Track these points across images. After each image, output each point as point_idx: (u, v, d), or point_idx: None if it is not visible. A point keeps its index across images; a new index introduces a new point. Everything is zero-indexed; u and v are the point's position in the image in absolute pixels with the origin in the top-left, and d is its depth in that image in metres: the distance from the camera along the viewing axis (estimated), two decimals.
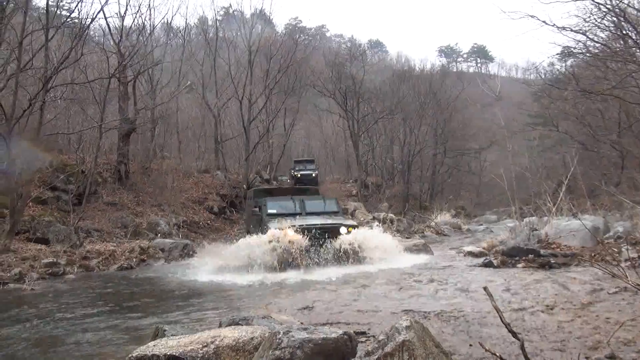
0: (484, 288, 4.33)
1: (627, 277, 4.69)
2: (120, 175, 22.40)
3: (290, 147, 41.27)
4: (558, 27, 11.86)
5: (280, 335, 3.40)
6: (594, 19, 12.53)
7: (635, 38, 12.84)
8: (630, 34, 12.97)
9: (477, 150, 43.67)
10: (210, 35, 33.17)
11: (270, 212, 13.05)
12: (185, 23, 37.57)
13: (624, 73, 12.74)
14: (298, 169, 33.35)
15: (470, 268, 10.36)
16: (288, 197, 14.31)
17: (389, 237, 13.01)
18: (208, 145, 32.91)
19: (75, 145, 20.33)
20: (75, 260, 13.28)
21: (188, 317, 7.07)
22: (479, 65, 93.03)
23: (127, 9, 36.87)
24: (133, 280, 11.41)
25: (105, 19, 23.53)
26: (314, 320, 5.97)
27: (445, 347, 3.90)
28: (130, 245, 15.52)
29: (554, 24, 11.81)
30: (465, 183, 45.03)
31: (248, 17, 36.28)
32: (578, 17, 12.59)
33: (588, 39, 13.20)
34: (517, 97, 48.21)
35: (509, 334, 3.90)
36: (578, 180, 15.73)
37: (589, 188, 17.56)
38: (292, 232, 11.07)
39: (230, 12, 43.14)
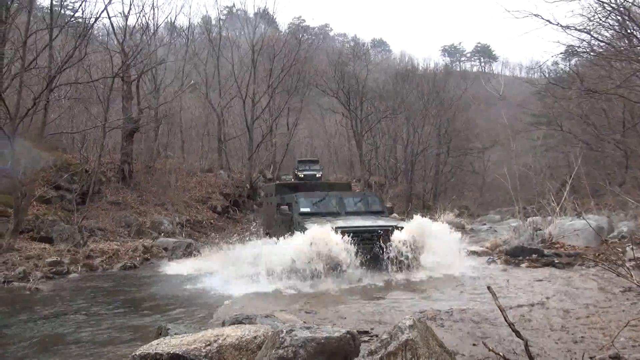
0: (488, 287, 4.32)
1: (632, 276, 4.67)
2: (124, 175, 22.45)
3: (294, 146, 41.21)
4: (562, 26, 11.84)
5: (283, 334, 3.40)
6: (598, 18, 12.50)
7: None
8: (635, 33, 12.91)
9: (480, 150, 43.50)
10: (214, 35, 33.17)
11: (304, 210, 11.08)
12: (189, 22, 37.44)
13: (629, 72, 12.68)
14: (302, 169, 33.28)
15: (474, 268, 10.35)
16: (323, 193, 11.99)
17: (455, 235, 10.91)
18: (211, 145, 32.93)
19: (79, 145, 20.35)
20: (79, 259, 13.30)
21: (192, 316, 7.08)
22: (483, 65, 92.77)
23: (130, 9, 36.93)
24: (136, 280, 11.42)
25: (109, 19, 23.50)
26: None
27: (449, 346, 3.89)
28: (134, 245, 15.55)
29: (558, 23, 11.80)
30: (469, 183, 44.89)
31: (251, 16, 36.34)
32: (582, 16, 12.54)
33: (592, 38, 13.16)
34: (520, 96, 48.04)
35: (513, 334, 3.89)
36: (582, 180, 15.67)
37: (593, 188, 17.52)
38: (335, 235, 9.32)
39: (234, 11, 43.22)
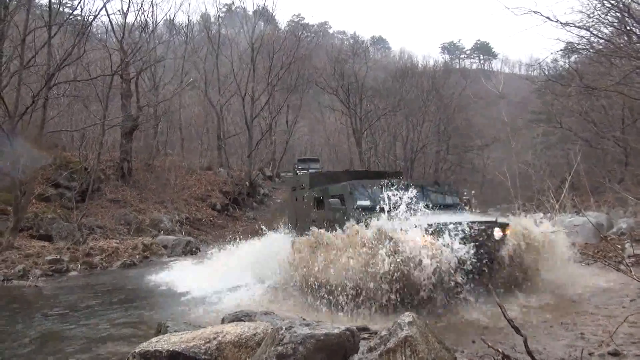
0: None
1: (631, 272, 4.67)
2: (123, 173, 22.44)
3: (293, 144, 41.20)
4: (562, 23, 11.80)
5: (283, 331, 3.39)
6: (598, 15, 12.46)
7: None
8: (634, 30, 12.88)
9: (480, 147, 43.48)
10: (213, 33, 33.12)
11: (362, 204, 8.35)
12: (188, 20, 37.56)
13: (628, 69, 12.65)
14: (301, 168, 33.36)
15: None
16: (384, 183, 8.65)
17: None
18: (211, 143, 32.92)
19: (78, 143, 20.31)
20: (79, 257, 13.31)
21: (190, 313, 7.08)
22: (482, 62, 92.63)
23: (129, 6, 36.36)
24: (136, 277, 11.42)
25: (108, 16, 23.39)
26: None
27: (448, 342, 3.89)
28: (133, 242, 15.56)
29: (558, 20, 11.74)
30: (469, 180, 44.89)
31: (250, 14, 36.32)
32: (582, 12, 12.46)
33: (592, 35, 13.11)
34: (520, 94, 48.02)
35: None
36: (581, 177, 15.68)
37: (593, 185, 17.51)
38: (421, 236, 6.57)
39: (233, 9, 43.17)
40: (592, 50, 14.63)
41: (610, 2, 12.17)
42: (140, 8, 28.90)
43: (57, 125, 18.90)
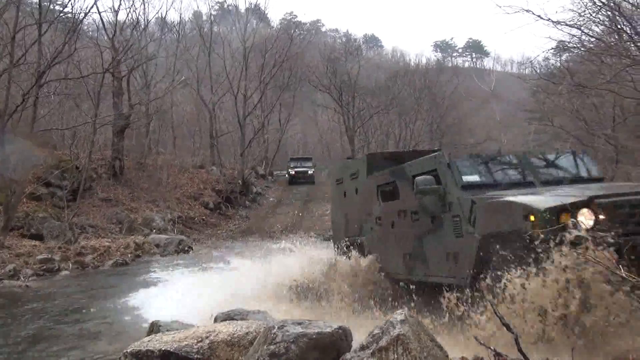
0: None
1: (621, 269, 4.69)
2: (115, 171, 22.32)
3: (286, 142, 41.21)
4: (553, 21, 11.82)
5: (275, 330, 3.38)
6: (589, 13, 12.50)
7: (630, 32, 12.84)
8: (625, 29, 12.96)
9: (472, 145, 43.67)
10: (205, 30, 33.00)
11: (470, 180, 5.79)
12: (180, 18, 37.30)
13: (619, 67, 12.73)
14: (293, 166, 33.40)
15: None
16: (492, 153, 6.47)
17: None
18: (203, 141, 32.83)
19: (70, 141, 20.16)
20: (70, 256, 13.23)
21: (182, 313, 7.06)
22: (474, 60, 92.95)
23: (120, 4, 36.32)
24: (128, 276, 11.37)
25: (99, 14, 23.40)
26: None
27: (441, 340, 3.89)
28: (125, 241, 15.49)
29: (549, 19, 11.76)
30: None
31: (243, 12, 36.22)
32: (573, 11, 12.51)
33: (583, 34, 13.17)
34: (512, 91, 48.26)
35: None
36: None
37: None
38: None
39: (225, 7, 43.07)
40: (583, 49, 14.70)
41: (601, 0, 12.24)
42: (132, 6, 28.57)
43: (48, 124, 18.80)
